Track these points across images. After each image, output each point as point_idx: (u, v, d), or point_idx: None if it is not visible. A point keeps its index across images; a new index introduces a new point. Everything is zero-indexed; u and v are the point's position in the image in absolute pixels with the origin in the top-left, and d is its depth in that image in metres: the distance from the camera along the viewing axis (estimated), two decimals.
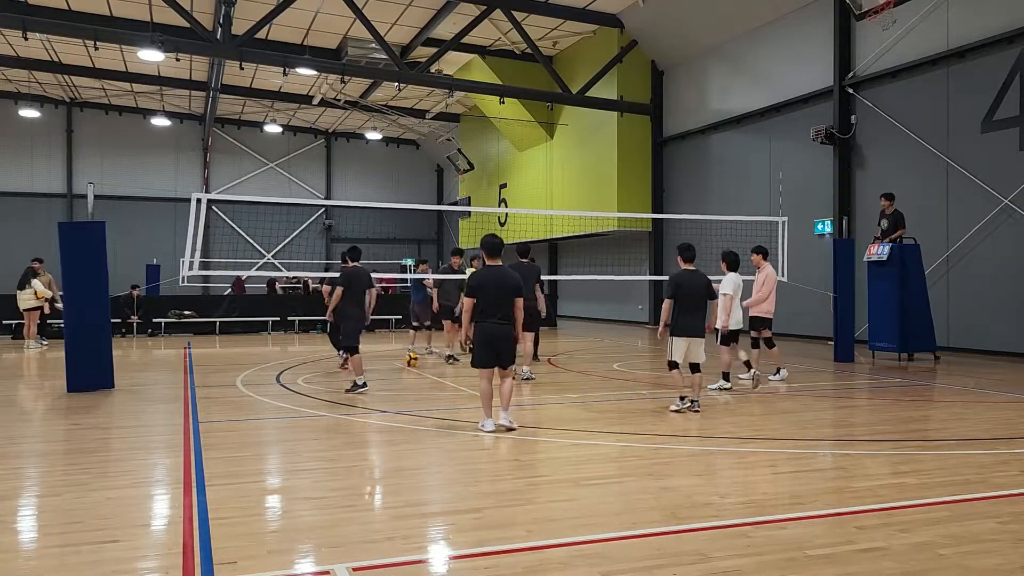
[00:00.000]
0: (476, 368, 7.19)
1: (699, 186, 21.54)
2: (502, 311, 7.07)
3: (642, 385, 10.83)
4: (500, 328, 7.06)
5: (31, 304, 16.34)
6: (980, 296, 14.23)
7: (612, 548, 4.06)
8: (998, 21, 13.75)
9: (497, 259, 7.27)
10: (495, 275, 7.13)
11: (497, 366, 7.16)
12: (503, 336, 7.09)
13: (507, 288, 7.10)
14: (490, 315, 7.05)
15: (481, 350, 7.09)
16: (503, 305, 7.07)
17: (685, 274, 8.33)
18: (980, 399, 9.23)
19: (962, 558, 3.90)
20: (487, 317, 7.06)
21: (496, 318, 7.05)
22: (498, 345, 7.06)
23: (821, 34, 17.21)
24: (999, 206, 13.75)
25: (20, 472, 5.89)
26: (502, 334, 7.08)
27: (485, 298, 7.06)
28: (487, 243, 7.28)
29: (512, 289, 7.12)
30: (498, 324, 7.05)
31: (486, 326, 7.06)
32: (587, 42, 23.42)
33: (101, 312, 10.21)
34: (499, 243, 7.30)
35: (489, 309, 7.05)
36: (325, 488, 5.30)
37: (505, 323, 7.09)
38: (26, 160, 30.85)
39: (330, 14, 21.09)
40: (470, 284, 7.17)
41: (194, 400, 9.09)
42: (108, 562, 3.87)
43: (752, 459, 6.12)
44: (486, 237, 7.28)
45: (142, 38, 17.69)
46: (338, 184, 35.83)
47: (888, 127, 15.89)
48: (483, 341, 7.07)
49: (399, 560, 3.87)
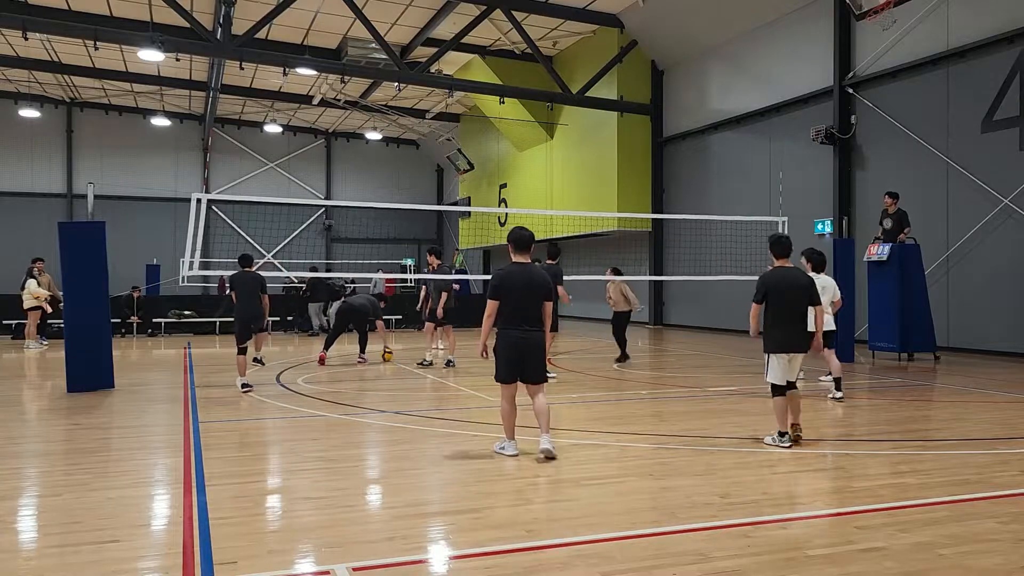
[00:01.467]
0: (499, 383, 6.20)
1: (699, 186, 21.55)
2: (529, 316, 6.10)
3: (642, 385, 10.83)
4: (527, 336, 6.09)
5: (30, 304, 16.35)
6: (980, 296, 14.23)
7: (612, 548, 4.06)
8: (998, 21, 13.75)
9: (526, 255, 6.27)
10: (523, 274, 6.14)
11: (524, 381, 6.18)
12: (531, 345, 6.11)
13: (536, 289, 6.12)
14: (515, 321, 6.08)
15: (505, 362, 6.12)
16: (531, 309, 6.11)
17: (778, 273, 6.66)
18: (980, 399, 9.23)
19: (962, 558, 3.90)
20: (511, 323, 6.09)
21: (522, 324, 6.09)
22: (525, 356, 6.09)
23: (821, 34, 17.21)
24: (999, 206, 13.75)
25: (20, 472, 5.89)
26: (530, 343, 6.10)
27: (510, 300, 6.07)
28: (516, 236, 6.26)
29: (542, 291, 6.15)
30: (525, 331, 6.08)
31: (510, 334, 6.09)
32: (587, 42, 23.42)
33: (101, 312, 10.23)
34: (529, 237, 6.29)
35: (514, 313, 6.08)
36: (325, 488, 5.30)
37: (533, 330, 6.12)
38: (26, 160, 30.86)
39: (330, 14, 21.10)
40: (493, 284, 6.14)
41: (194, 400, 9.09)
42: (108, 562, 3.87)
43: (752, 459, 6.12)
44: (515, 230, 6.27)
45: (142, 38, 17.69)
46: (338, 184, 35.83)
47: (888, 127, 15.89)
48: (507, 351, 6.11)
49: (399, 560, 3.88)
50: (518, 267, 6.19)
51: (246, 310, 10.16)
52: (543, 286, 6.16)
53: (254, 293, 10.25)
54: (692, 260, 19.79)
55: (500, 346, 6.17)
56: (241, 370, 10.05)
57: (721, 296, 20.01)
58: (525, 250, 6.28)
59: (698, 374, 11.96)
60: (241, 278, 10.31)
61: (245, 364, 10.17)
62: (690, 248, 20.14)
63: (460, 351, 13.70)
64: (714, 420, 7.90)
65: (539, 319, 6.16)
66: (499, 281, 6.12)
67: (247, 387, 9.86)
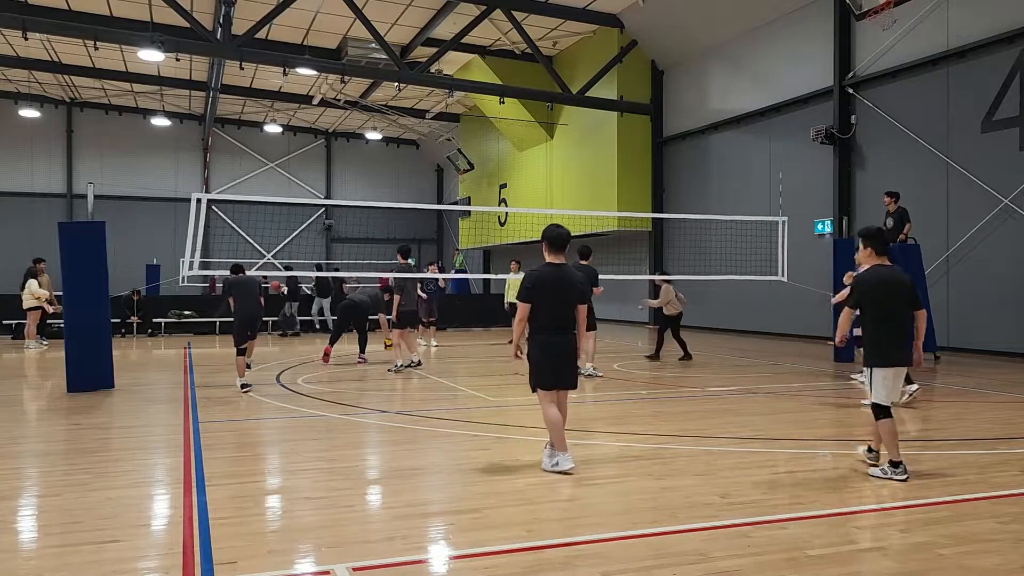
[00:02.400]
0: (538, 391, 5.84)
1: (699, 186, 21.55)
2: (563, 320, 5.79)
3: (642, 385, 10.83)
4: (561, 341, 5.79)
5: (30, 304, 16.36)
6: (980, 296, 14.23)
7: (612, 548, 4.06)
8: (998, 21, 13.75)
9: (561, 255, 5.86)
10: (557, 275, 5.78)
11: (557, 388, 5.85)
12: (565, 351, 5.81)
13: (570, 292, 5.79)
14: (548, 325, 5.76)
15: (541, 369, 5.79)
16: (565, 313, 5.79)
17: (876, 273, 5.73)
18: (980, 399, 9.23)
19: (962, 558, 3.90)
20: (544, 327, 5.77)
21: (555, 329, 5.78)
22: (558, 362, 5.78)
23: (821, 34, 17.21)
24: (999, 206, 13.75)
25: (20, 472, 5.89)
26: (564, 349, 5.80)
27: (543, 303, 5.73)
28: (552, 235, 5.85)
29: (576, 293, 5.81)
30: (558, 336, 5.79)
31: (543, 339, 5.78)
32: (587, 42, 23.42)
33: (101, 312, 10.23)
34: (566, 235, 5.88)
35: (547, 317, 5.76)
36: (325, 488, 5.30)
37: (566, 335, 5.81)
38: (26, 160, 30.84)
39: (330, 14, 21.09)
40: (525, 286, 5.78)
41: (194, 400, 9.09)
42: (108, 562, 3.87)
43: (752, 459, 6.12)
44: (551, 228, 5.86)
45: (142, 38, 17.69)
46: (338, 184, 35.83)
47: (888, 127, 15.89)
48: (541, 357, 5.78)
49: (399, 560, 3.88)
50: (552, 268, 5.82)
51: (246, 312, 10.17)
52: (578, 289, 5.83)
53: (253, 295, 10.32)
54: (692, 260, 19.79)
55: (534, 352, 5.81)
56: (240, 371, 10.09)
57: (721, 296, 20.02)
58: (560, 250, 5.87)
59: (698, 374, 11.96)
60: (239, 281, 10.36)
61: (244, 365, 10.21)
62: (690, 248, 20.15)
63: (459, 352, 13.65)
64: (714, 420, 7.90)
65: (573, 323, 5.85)
66: (532, 283, 5.75)
67: (247, 387, 9.89)
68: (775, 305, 18.46)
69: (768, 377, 11.41)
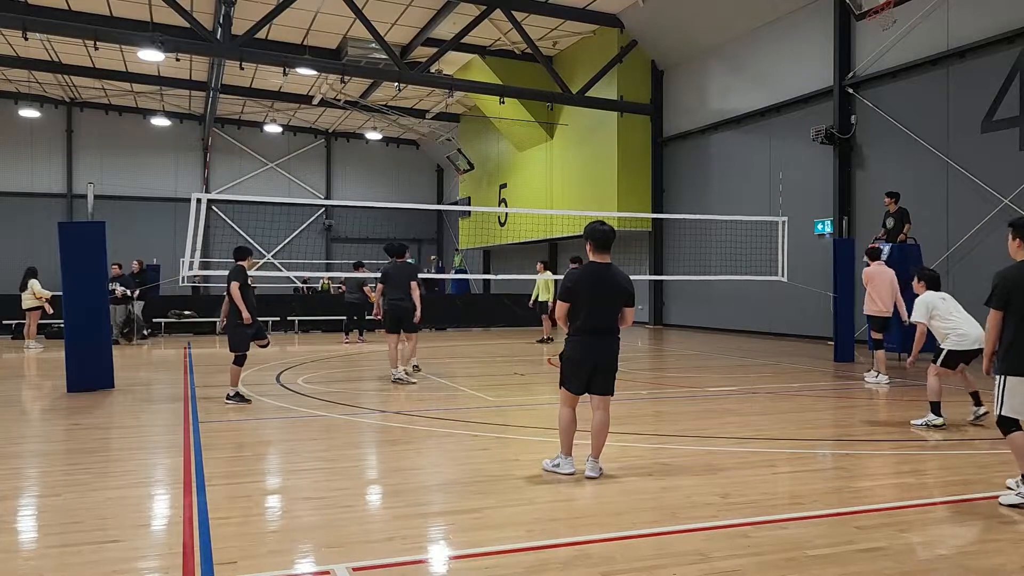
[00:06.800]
0: (563, 390, 5.62)
1: (699, 186, 21.54)
2: (603, 321, 5.49)
3: (642, 385, 10.83)
4: (598, 343, 5.50)
5: (31, 304, 16.35)
6: (980, 296, 14.16)
7: (612, 548, 4.06)
8: (998, 21, 13.74)
9: (606, 254, 5.57)
10: (601, 275, 5.51)
11: (589, 392, 5.59)
12: (605, 355, 5.52)
13: (615, 292, 5.49)
14: (586, 326, 5.47)
15: (574, 370, 5.53)
16: (606, 314, 5.50)
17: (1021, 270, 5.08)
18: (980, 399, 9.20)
19: (962, 558, 3.90)
20: (582, 328, 5.48)
21: (593, 331, 5.48)
22: (597, 366, 5.50)
23: (821, 34, 17.21)
24: (999, 206, 13.75)
25: (20, 472, 5.89)
26: (604, 352, 5.52)
27: (583, 303, 5.46)
28: (596, 232, 5.53)
29: (622, 295, 5.51)
30: (596, 338, 5.50)
31: (583, 340, 5.50)
32: (587, 42, 23.42)
33: (101, 312, 10.22)
34: (610, 233, 5.57)
35: (588, 318, 5.46)
36: (325, 488, 5.30)
37: (606, 338, 5.52)
38: (26, 160, 30.84)
39: (330, 14, 21.09)
40: (565, 285, 5.57)
41: (194, 400, 9.09)
42: (108, 562, 3.87)
43: (752, 459, 6.12)
44: (594, 225, 5.55)
45: (142, 38, 17.68)
46: (338, 184, 35.82)
47: (888, 127, 15.88)
48: (579, 360, 5.52)
49: (399, 560, 3.88)
50: (596, 268, 5.54)
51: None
52: (623, 290, 5.51)
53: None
54: (692, 260, 19.79)
55: (570, 353, 5.58)
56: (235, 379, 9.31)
57: (721, 296, 20.02)
58: (605, 249, 5.56)
59: (698, 374, 11.96)
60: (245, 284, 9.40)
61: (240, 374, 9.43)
62: (690, 248, 20.15)
63: (459, 352, 13.65)
64: (714, 420, 7.90)
65: (615, 325, 5.56)
66: (572, 283, 5.50)
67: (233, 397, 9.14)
68: (775, 305, 18.46)
69: (768, 377, 11.41)
